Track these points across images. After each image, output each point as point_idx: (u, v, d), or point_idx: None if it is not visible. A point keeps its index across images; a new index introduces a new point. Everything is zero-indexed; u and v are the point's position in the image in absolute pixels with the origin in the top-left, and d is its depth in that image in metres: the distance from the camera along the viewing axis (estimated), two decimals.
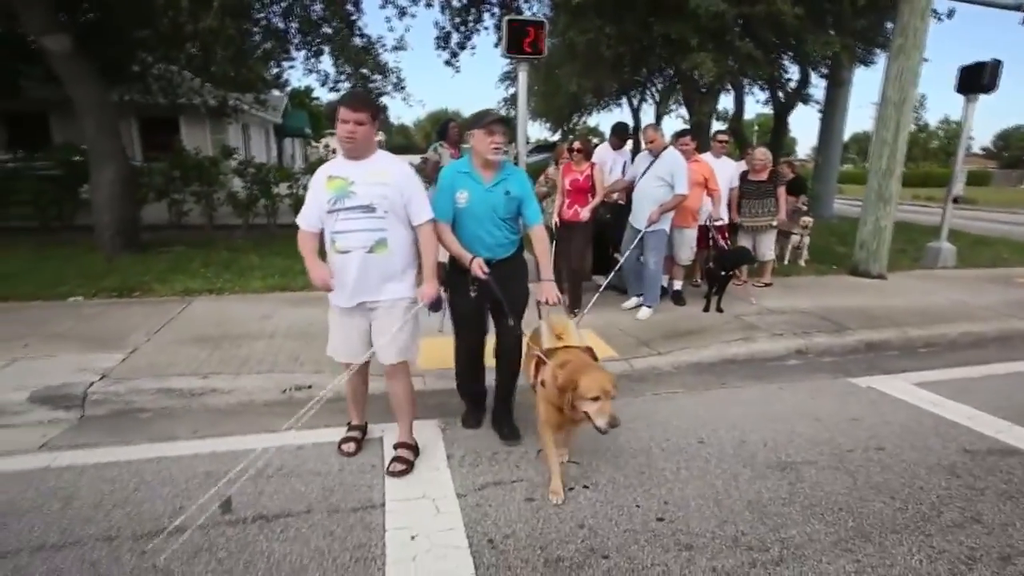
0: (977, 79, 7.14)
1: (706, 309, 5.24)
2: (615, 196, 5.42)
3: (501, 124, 2.78)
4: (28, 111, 16.05)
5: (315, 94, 26.90)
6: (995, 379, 4.02)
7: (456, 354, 3.12)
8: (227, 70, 7.67)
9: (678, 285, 5.61)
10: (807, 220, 7.31)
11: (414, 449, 2.77)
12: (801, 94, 12.79)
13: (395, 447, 2.75)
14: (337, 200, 2.48)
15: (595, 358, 2.60)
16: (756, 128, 40.51)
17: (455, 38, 8.74)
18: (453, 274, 2.97)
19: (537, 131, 32.77)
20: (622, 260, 5.00)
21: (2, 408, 3.15)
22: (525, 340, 2.89)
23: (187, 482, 2.49)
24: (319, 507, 2.34)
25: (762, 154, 6.14)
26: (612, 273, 4.92)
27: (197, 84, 10.66)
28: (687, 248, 5.41)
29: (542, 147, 17.26)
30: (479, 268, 2.74)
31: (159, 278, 5.79)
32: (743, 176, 6.09)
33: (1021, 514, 2.34)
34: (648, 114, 21.72)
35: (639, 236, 4.86)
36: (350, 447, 2.82)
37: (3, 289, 5.25)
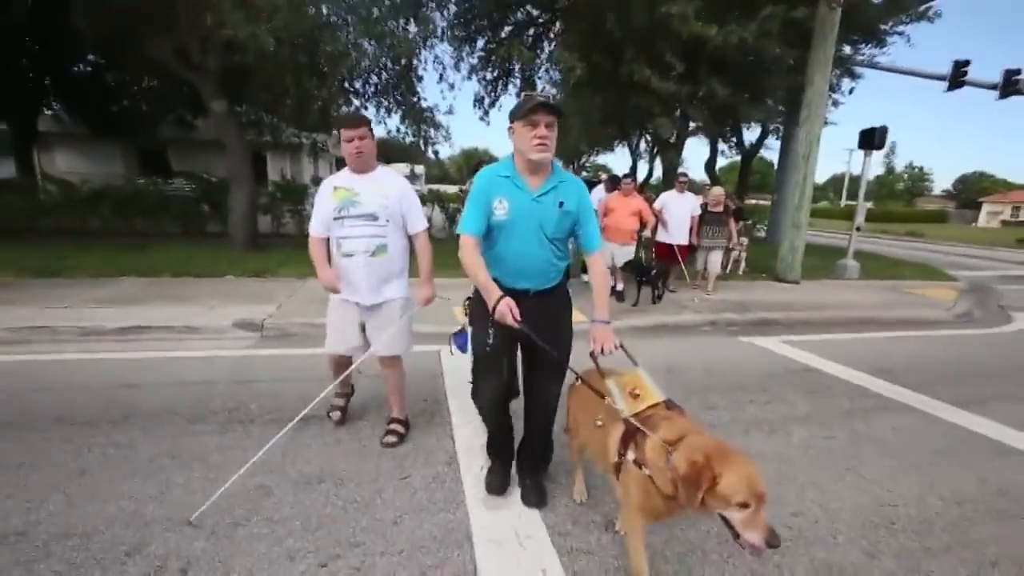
0: (870, 139, 8.48)
1: (635, 304, 6.12)
2: None
3: (547, 110, 1.83)
4: (153, 147, 18.19)
5: None
6: (837, 342, 5.33)
7: (475, 401, 2.21)
8: (316, 120, 9.37)
9: (620, 286, 6.38)
10: (743, 240, 8.68)
11: (405, 423, 2.84)
12: (758, 144, 14.16)
13: (388, 422, 2.82)
14: (343, 208, 2.47)
15: (683, 413, 1.78)
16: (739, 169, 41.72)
17: (487, 100, 10.49)
18: (477, 305, 2.10)
19: None
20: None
21: (219, 330, 4.71)
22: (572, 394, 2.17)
23: (319, 368, 3.09)
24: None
25: (717, 192, 7.03)
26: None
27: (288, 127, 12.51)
28: (623, 259, 6.19)
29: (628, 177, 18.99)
30: (510, 313, 1.82)
31: (280, 265, 7.38)
32: (704, 207, 6.80)
33: (810, 398, 3.73)
34: (644, 156, 23.33)
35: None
36: (336, 415, 2.92)
37: (182, 269, 6.90)
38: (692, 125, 8.88)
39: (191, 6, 6.54)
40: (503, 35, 9.35)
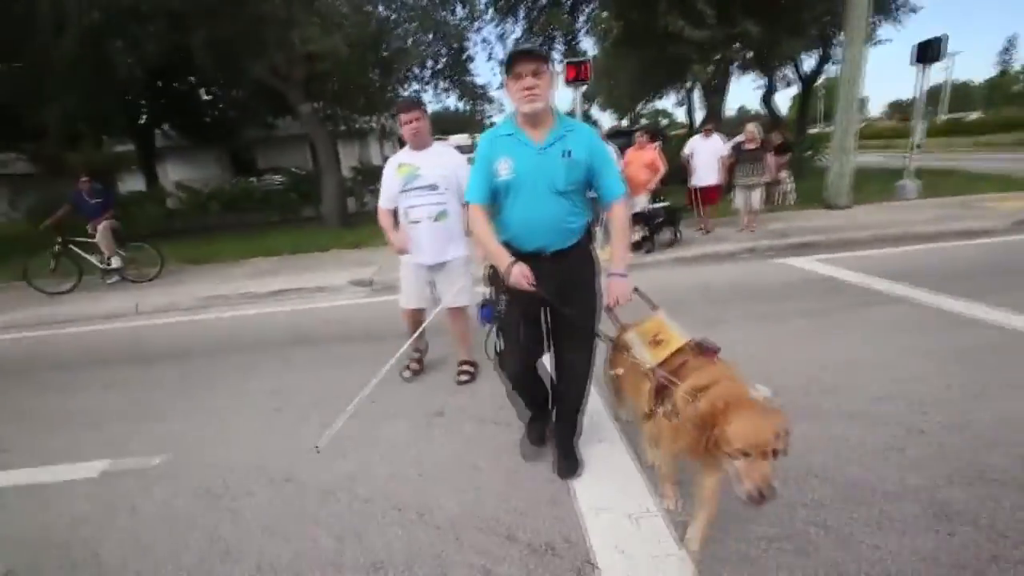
0: (926, 52, 8.34)
1: (648, 251, 6.37)
2: None
3: (529, 58, 1.75)
4: (240, 147, 20.59)
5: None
6: (868, 256, 5.82)
7: (504, 369, 2.15)
8: (383, 107, 10.63)
9: (637, 236, 6.40)
10: (787, 173, 8.97)
11: (474, 364, 3.22)
12: (817, 72, 13.71)
13: (459, 363, 3.23)
14: (408, 182, 2.83)
15: (716, 351, 1.73)
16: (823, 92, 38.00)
17: None
18: (496, 274, 2.01)
19: (607, 120, 34.44)
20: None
21: (340, 288, 6.15)
22: (607, 354, 2.14)
23: None
24: None
25: (751, 129, 7.01)
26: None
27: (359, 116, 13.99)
28: (636, 208, 6.38)
29: (617, 133, 19.28)
30: (523, 278, 1.81)
31: (371, 237, 8.80)
32: (739, 146, 6.93)
33: (818, 298, 4.49)
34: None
35: None
36: (415, 367, 3.33)
37: (296, 248, 8.54)
38: (735, 64, 9.10)
39: (280, 28, 7.88)
40: (543, 3, 9.96)
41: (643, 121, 37.54)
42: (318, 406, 3.06)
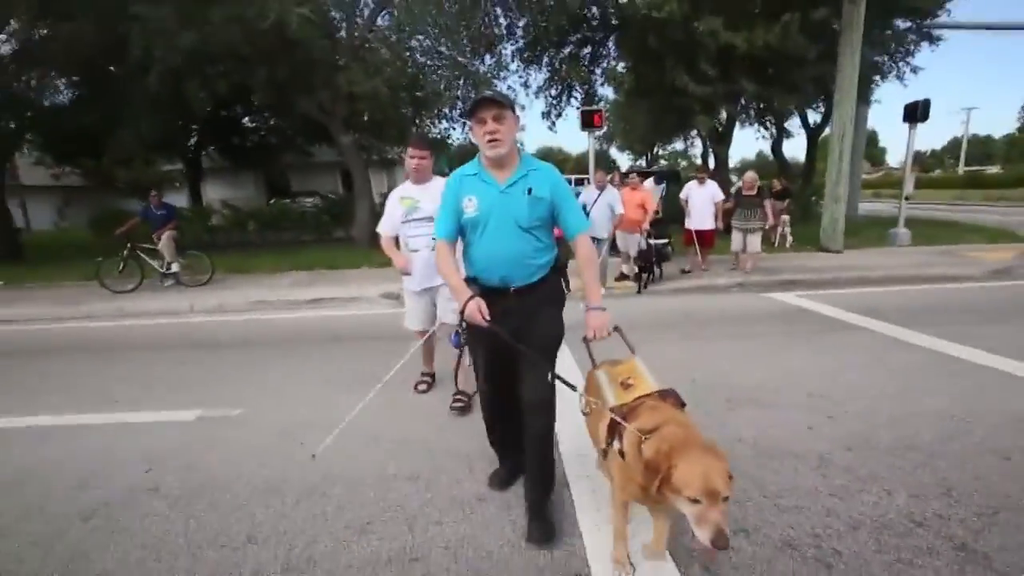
0: (913, 113, 9.15)
1: (638, 292, 6.73)
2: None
3: (491, 104, 1.87)
4: (276, 171, 22.09)
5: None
6: (845, 294, 6.47)
7: (480, 402, 2.30)
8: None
9: (635, 271, 7.01)
10: (786, 217, 9.70)
11: (465, 394, 3.26)
12: (823, 124, 14.61)
13: (454, 394, 3.28)
14: (408, 213, 3.04)
15: (682, 404, 1.77)
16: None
17: (553, 113, 12.36)
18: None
19: (625, 160, 35.87)
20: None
21: (371, 299, 6.97)
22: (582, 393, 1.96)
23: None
24: None
25: (749, 177, 7.61)
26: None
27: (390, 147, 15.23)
28: (635, 246, 6.92)
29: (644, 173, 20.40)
30: (477, 313, 1.87)
31: None
32: (738, 191, 7.57)
33: (788, 324, 5.17)
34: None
35: (599, 244, 6.14)
36: (423, 387, 3.55)
37: (330, 264, 9.46)
38: (739, 118, 10.04)
39: (328, 71, 9.04)
40: (565, 54, 11.07)
41: (662, 163, 38.89)
42: (357, 381, 3.78)
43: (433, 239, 2.13)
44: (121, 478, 2.64)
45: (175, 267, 8.10)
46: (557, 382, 1.93)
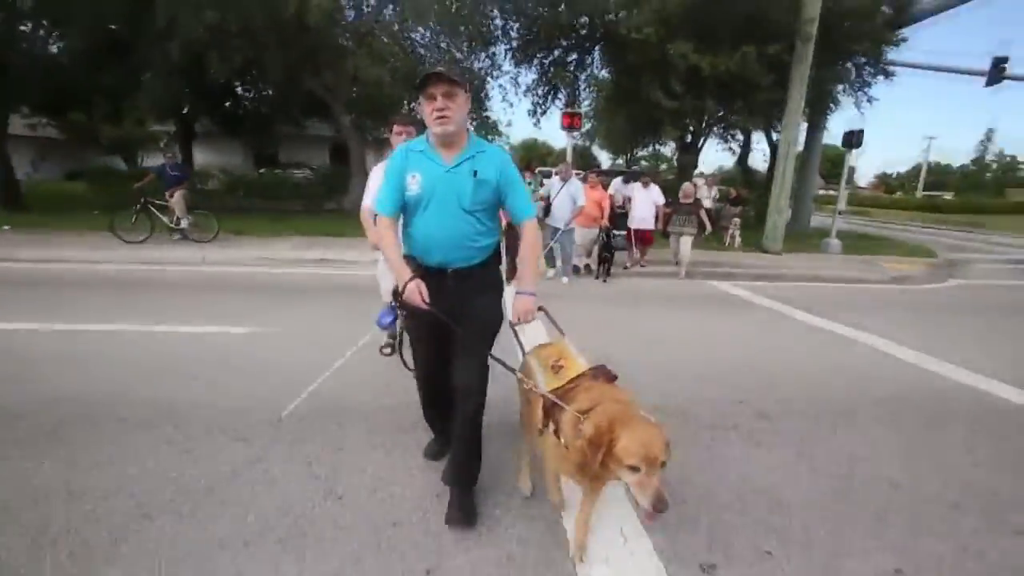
0: (849, 140, 10.64)
1: (597, 277, 7.51)
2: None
3: (439, 80, 1.82)
4: (266, 141, 22.55)
5: None
6: (771, 287, 7.84)
7: (416, 379, 2.28)
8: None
9: (586, 262, 7.96)
10: (737, 220, 11.11)
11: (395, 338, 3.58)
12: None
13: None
14: None
15: (613, 378, 1.85)
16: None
17: (539, 111, 13.52)
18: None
19: (605, 159, 37.40)
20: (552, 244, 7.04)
21: (371, 262, 8.02)
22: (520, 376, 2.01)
23: None
24: None
25: (686, 187, 8.27)
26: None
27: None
28: (589, 241, 7.61)
29: (611, 171, 21.74)
30: (416, 294, 1.87)
31: None
32: (676, 199, 8.12)
33: (717, 305, 6.47)
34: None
35: (559, 232, 6.99)
36: (387, 351, 3.72)
37: (327, 231, 10.39)
38: (704, 129, 11.38)
39: (336, 56, 9.94)
40: (554, 56, 12.16)
41: (642, 163, 40.47)
42: (367, 316, 4.87)
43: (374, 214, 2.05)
44: (198, 365, 3.71)
45: (184, 223, 8.93)
46: (491, 366, 1.99)
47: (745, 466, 2.58)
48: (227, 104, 17.91)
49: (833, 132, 23.94)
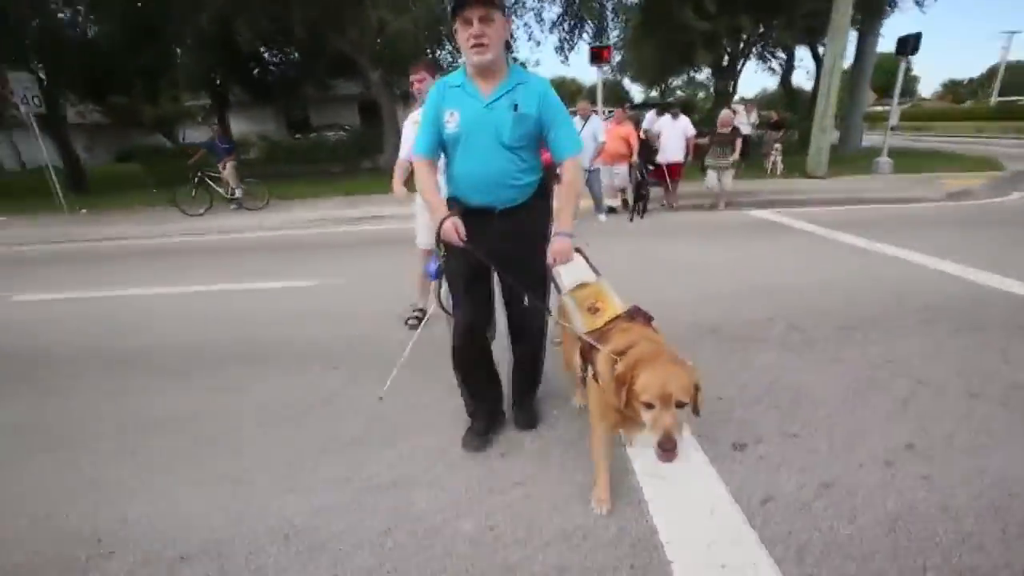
0: (905, 46, 9.91)
1: (632, 217, 7.36)
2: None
3: (476, 3, 1.69)
4: (295, 105, 22.89)
5: None
6: (813, 212, 7.71)
7: (453, 335, 2.14)
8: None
9: (615, 203, 7.79)
10: (778, 146, 10.73)
11: (423, 312, 3.56)
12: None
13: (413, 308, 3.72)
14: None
15: (649, 319, 1.85)
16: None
17: (566, 47, 13.11)
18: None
19: (638, 91, 35.84)
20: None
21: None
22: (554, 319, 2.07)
23: None
24: None
25: (724, 115, 7.81)
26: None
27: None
28: (620, 178, 7.45)
29: (645, 104, 20.81)
30: (453, 232, 1.84)
31: None
32: (713, 130, 7.72)
33: (756, 232, 6.52)
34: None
35: (586, 174, 6.52)
36: (412, 322, 3.61)
37: (369, 190, 10.78)
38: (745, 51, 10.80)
39: (358, 10, 9.95)
40: None
41: (678, 93, 38.52)
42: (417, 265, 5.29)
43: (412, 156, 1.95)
44: (279, 313, 4.21)
45: (238, 192, 9.51)
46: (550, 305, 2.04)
47: (776, 370, 2.85)
48: (255, 72, 18.26)
49: (889, 40, 22.27)
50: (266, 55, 18.08)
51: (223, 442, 2.42)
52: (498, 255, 1.91)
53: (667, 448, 1.38)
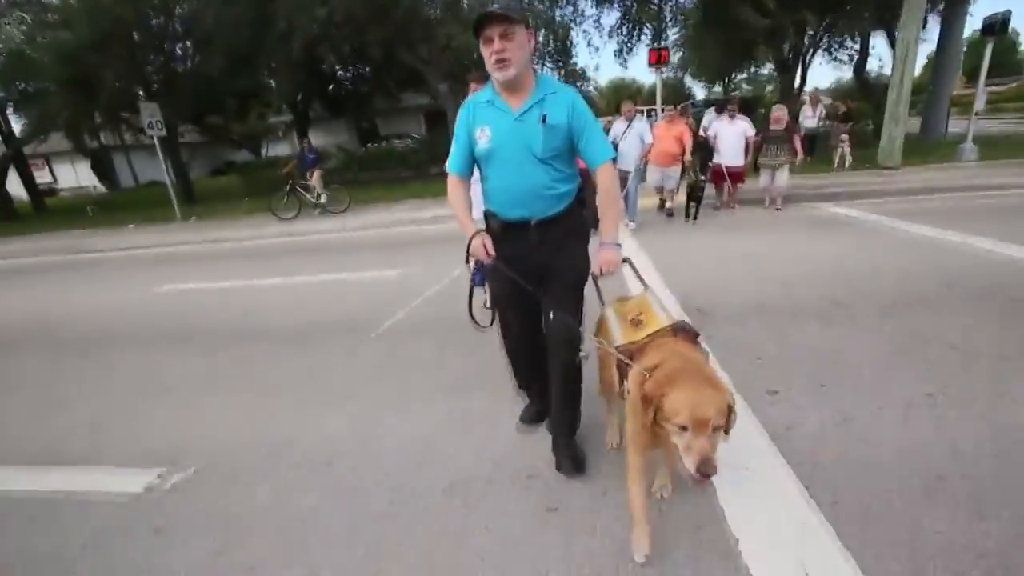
0: (993, 26, 9.47)
1: (686, 219, 7.08)
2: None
3: (493, 20, 1.71)
4: (365, 117, 24.52)
5: None
6: (877, 203, 7.62)
7: (503, 342, 2.27)
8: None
9: (669, 204, 7.53)
10: (846, 137, 10.49)
11: None
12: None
13: None
14: None
15: (695, 335, 1.71)
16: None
17: (624, 51, 13.50)
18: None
19: (699, 89, 35.29)
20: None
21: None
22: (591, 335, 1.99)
23: None
24: None
25: (776, 112, 7.38)
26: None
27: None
28: (672, 180, 7.20)
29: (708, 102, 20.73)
30: (482, 248, 1.89)
31: None
32: (766, 127, 7.36)
33: (815, 225, 6.66)
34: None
35: (630, 176, 6.55)
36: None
37: (437, 193, 11.64)
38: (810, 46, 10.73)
39: (427, 28, 10.85)
40: None
41: (744, 87, 37.47)
42: None
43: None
44: (379, 296, 4.96)
45: (324, 198, 10.65)
46: (586, 315, 2.02)
47: (815, 338, 3.18)
48: (331, 88, 19.91)
49: (979, 20, 20.57)
50: (340, 73, 19.74)
51: (340, 390, 3.12)
52: (536, 267, 1.96)
53: (706, 474, 1.29)
